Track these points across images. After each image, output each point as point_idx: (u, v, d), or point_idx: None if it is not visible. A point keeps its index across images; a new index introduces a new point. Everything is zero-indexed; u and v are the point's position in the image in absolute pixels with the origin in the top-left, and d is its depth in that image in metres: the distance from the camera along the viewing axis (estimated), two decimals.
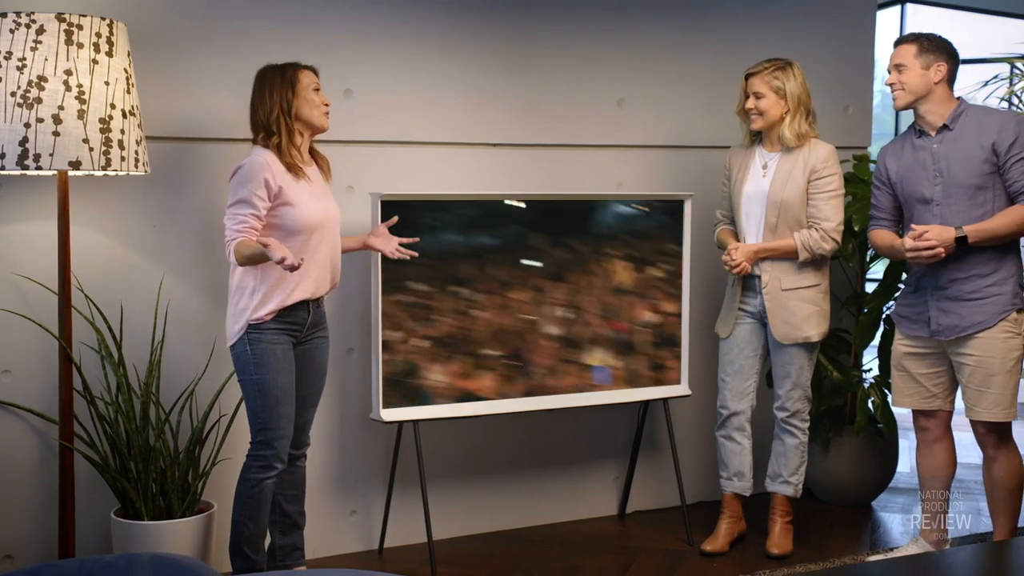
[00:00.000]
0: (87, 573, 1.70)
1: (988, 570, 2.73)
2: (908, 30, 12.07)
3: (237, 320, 3.31)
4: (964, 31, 11.86)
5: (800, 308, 3.92)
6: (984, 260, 3.57)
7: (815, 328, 3.94)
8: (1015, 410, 3.64)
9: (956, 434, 3.86)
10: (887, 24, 12.23)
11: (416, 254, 3.62)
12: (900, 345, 3.80)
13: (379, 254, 3.69)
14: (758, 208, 3.95)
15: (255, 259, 3.18)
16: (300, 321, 3.38)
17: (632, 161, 4.46)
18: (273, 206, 3.25)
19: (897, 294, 4.12)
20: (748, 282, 3.99)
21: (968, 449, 4.63)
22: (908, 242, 3.60)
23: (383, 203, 3.69)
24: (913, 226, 3.62)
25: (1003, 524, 3.70)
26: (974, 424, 3.69)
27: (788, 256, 3.91)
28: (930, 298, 3.66)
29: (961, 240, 3.52)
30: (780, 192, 3.90)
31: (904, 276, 4.07)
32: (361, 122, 3.94)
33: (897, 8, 12.25)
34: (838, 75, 4.77)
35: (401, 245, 3.58)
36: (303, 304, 3.37)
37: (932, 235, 3.54)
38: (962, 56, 3.74)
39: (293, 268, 3.08)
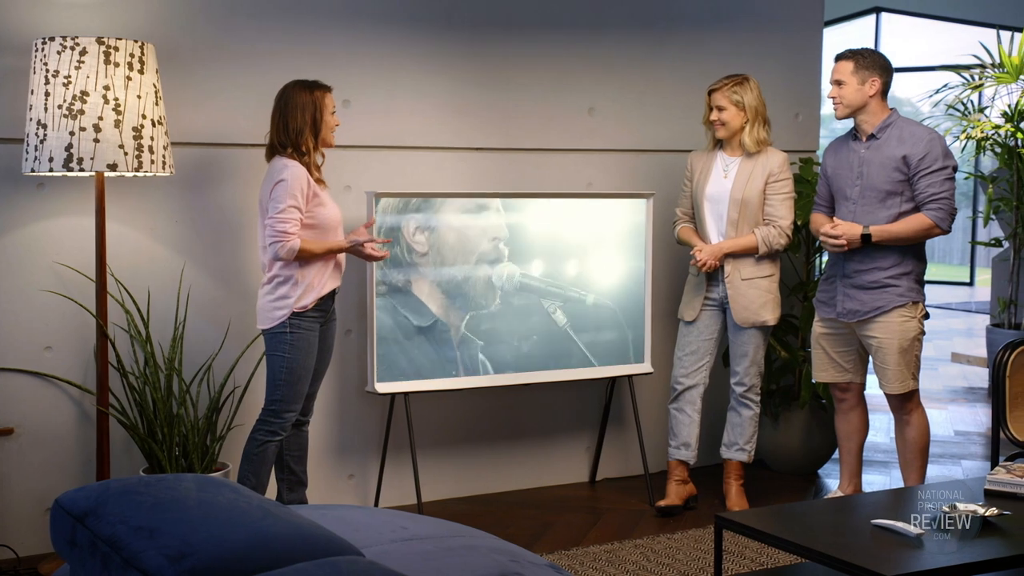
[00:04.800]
0: (145, 484, 2.11)
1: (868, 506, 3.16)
2: (883, 37, 12.57)
3: (279, 308, 3.69)
4: (936, 38, 12.33)
5: (758, 296, 4.36)
6: (885, 255, 4.03)
7: (771, 313, 4.39)
8: (912, 382, 4.10)
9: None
10: (863, 31, 12.70)
11: (388, 254, 3.99)
12: (817, 326, 4.27)
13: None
14: (720, 206, 4.36)
15: (325, 254, 3.70)
16: (327, 308, 3.83)
17: (600, 163, 4.85)
18: (309, 207, 3.68)
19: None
20: (712, 273, 4.40)
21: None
22: (823, 229, 4.10)
23: (376, 199, 4.10)
24: (833, 219, 4.11)
25: (914, 480, 4.16)
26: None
27: (748, 251, 4.35)
28: (839, 284, 4.14)
29: (866, 237, 4.00)
30: (741, 192, 4.32)
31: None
32: (358, 129, 4.30)
33: (872, 17, 12.73)
34: (789, 85, 5.16)
35: (375, 246, 3.86)
36: (330, 293, 3.80)
37: (841, 229, 4.02)
38: (931, 63, 4.22)
39: (380, 258, 3.80)
